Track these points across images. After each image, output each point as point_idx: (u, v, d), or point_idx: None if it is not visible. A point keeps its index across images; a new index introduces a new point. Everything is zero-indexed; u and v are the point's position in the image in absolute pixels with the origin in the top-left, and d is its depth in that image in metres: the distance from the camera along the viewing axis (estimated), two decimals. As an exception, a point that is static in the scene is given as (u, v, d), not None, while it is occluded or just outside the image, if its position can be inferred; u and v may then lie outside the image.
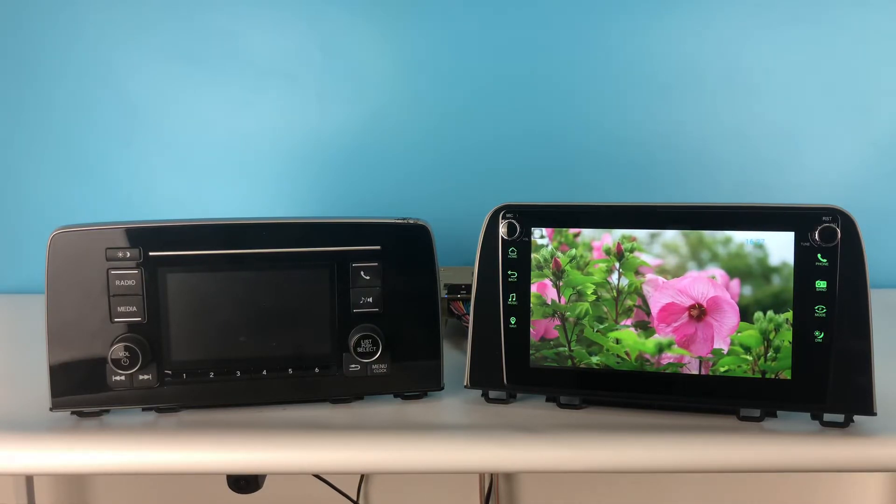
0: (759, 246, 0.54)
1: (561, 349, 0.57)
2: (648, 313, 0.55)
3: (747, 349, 0.54)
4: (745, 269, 0.54)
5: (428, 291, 0.60)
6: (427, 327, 0.60)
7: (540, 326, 0.58)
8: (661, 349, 0.55)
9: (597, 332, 0.56)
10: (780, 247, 0.53)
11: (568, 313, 0.57)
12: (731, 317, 0.54)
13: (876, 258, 0.58)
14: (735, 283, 0.54)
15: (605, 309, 0.56)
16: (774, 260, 0.53)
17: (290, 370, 0.59)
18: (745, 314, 0.54)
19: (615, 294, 0.56)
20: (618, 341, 0.56)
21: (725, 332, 0.54)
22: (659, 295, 0.55)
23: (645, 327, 0.56)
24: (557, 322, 0.57)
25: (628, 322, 0.56)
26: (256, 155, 0.96)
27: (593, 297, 0.56)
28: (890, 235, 0.95)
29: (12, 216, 0.98)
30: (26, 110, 0.96)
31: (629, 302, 0.56)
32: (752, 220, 0.54)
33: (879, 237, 0.91)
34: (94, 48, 0.94)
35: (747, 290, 0.54)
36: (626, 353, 0.56)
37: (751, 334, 0.54)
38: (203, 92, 0.95)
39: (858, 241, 0.52)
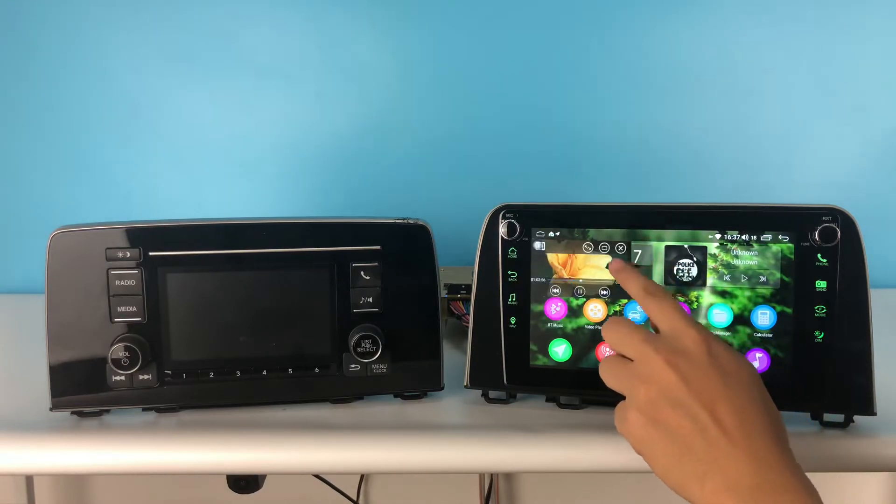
0: (759, 245, 0.54)
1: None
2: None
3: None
4: (745, 269, 0.54)
5: (428, 291, 0.60)
6: (427, 327, 0.60)
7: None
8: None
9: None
10: (780, 246, 0.53)
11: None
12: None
13: (876, 258, 0.58)
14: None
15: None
16: (774, 260, 0.53)
17: (290, 370, 0.59)
18: (744, 314, 0.54)
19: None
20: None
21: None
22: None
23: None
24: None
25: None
26: (256, 155, 0.96)
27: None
28: (890, 235, 0.95)
29: (12, 216, 0.98)
30: (26, 110, 0.96)
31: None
32: (752, 220, 0.54)
33: (879, 237, 0.91)
34: (94, 48, 0.94)
35: (747, 290, 0.54)
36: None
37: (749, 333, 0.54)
38: (203, 92, 0.95)
39: (858, 241, 0.52)
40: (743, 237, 0.54)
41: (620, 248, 0.56)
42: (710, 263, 0.55)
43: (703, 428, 0.42)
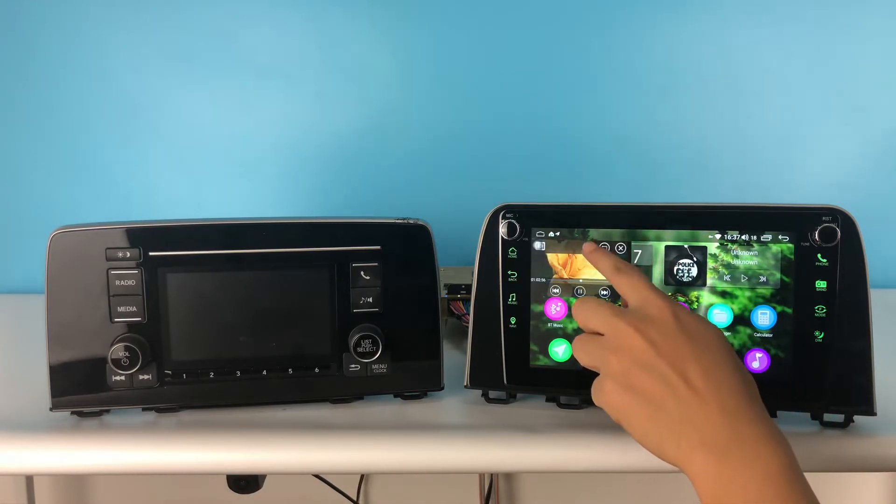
0: (759, 245, 0.54)
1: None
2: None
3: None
4: (745, 269, 0.54)
5: (428, 291, 0.60)
6: (427, 327, 0.60)
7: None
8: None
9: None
10: (779, 247, 0.53)
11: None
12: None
13: (876, 258, 0.58)
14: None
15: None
16: (774, 260, 0.53)
17: (290, 370, 0.59)
18: (745, 314, 0.54)
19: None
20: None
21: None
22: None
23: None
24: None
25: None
26: (256, 155, 0.96)
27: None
28: (890, 235, 0.95)
29: (12, 216, 0.98)
30: (26, 110, 0.96)
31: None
32: (752, 220, 0.54)
33: (879, 237, 0.91)
34: (94, 48, 0.94)
35: (747, 290, 0.54)
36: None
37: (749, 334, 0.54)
38: (203, 92, 0.95)
39: (858, 241, 0.52)
40: (743, 237, 0.54)
41: (620, 248, 0.56)
42: (710, 263, 0.55)
43: (674, 388, 0.43)
